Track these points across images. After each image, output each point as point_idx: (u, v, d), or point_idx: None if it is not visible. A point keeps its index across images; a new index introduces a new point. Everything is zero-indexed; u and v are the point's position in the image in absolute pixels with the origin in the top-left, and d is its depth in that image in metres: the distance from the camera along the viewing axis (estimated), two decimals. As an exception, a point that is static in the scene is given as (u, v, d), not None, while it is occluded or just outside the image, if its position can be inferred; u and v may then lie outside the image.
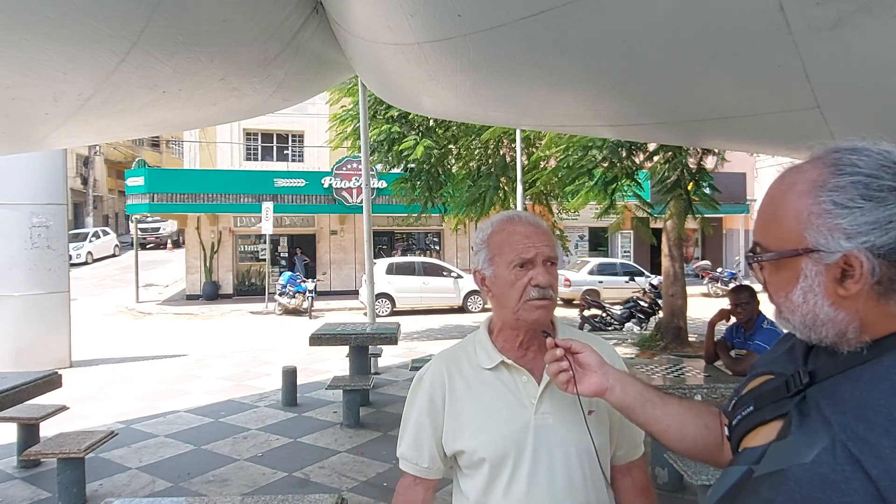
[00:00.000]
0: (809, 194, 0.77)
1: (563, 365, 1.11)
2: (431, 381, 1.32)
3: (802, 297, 0.79)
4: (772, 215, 0.82)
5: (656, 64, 2.10)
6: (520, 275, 1.22)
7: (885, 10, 1.49)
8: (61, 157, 8.72)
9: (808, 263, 0.77)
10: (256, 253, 18.63)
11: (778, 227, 0.80)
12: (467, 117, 4.97)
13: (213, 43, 2.45)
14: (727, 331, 4.24)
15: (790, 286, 0.80)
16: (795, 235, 0.78)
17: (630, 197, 8.74)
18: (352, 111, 9.20)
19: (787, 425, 0.80)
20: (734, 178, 19.17)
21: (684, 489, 4.11)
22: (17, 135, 3.30)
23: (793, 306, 0.80)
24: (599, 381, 1.10)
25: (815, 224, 0.75)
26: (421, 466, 1.31)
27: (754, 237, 0.86)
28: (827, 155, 0.79)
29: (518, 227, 1.26)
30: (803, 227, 0.77)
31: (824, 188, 0.75)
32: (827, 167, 0.77)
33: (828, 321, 0.77)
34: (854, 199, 0.73)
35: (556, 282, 1.25)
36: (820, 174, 0.77)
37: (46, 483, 4.39)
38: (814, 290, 0.77)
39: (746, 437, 0.88)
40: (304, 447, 5.22)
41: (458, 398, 1.28)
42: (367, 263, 7.84)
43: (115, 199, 35.06)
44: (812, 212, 0.76)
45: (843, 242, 0.74)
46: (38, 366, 6.94)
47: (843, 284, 0.75)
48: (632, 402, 1.08)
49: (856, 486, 0.68)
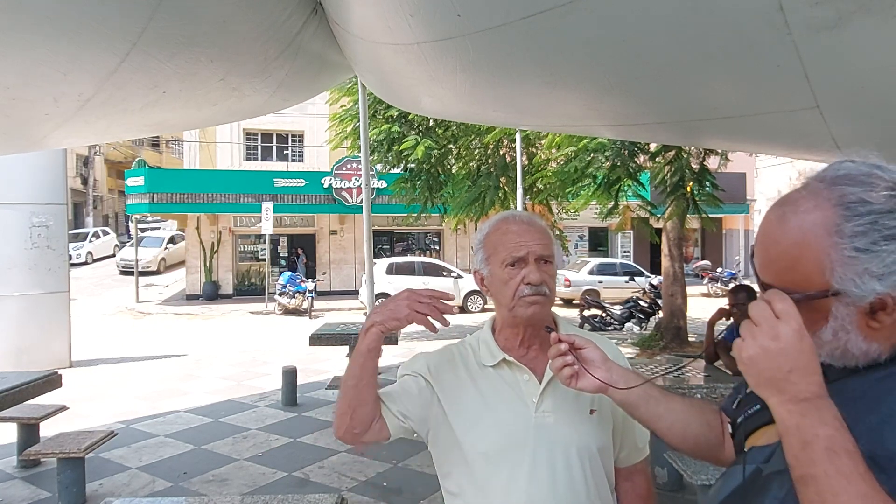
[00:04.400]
0: (827, 241, 0.74)
1: (567, 360, 1.11)
2: (427, 361, 1.33)
3: (832, 335, 0.77)
4: (785, 261, 0.78)
5: (656, 64, 2.10)
6: (512, 273, 1.23)
7: (885, 10, 1.49)
8: (61, 157, 8.72)
9: (839, 306, 0.75)
10: (256, 253, 18.63)
11: (798, 273, 0.77)
12: (467, 117, 4.97)
13: (213, 44, 2.45)
14: (727, 331, 4.23)
15: (818, 326, 0.77)
16: (819, 279, 0.75)
17: (632, 197, 8.75)
18: (351, 111, 9.20)
19: None
20: (734, 178, 19.14)
21: (684, 489, 4.11)
22: (17, 135, 3.29)
23: (821, 342, 0.78)
24: (603, 377, 1.09)
25: (841, 272, 0.73)
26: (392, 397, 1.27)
27: (763, 276, 0.82)
28: (828, 189, 0.76)
29: (511, 227, 1.27)
30: (829, 275, 0.74)
31: (842, 235, 0.73)
32: (834, 207, 0.74)
33: (860, 353, 0.76)
34: (877, 242, 0.72)
35: (550, 279, 1.25)
36: (830, 217, 0.74)
37: (46, 483, 4.39)
38: (845, 328, 0.76)
39: (752, 436, 0.87)
40: (303, 447, 5.22)
41: (457, 391, 1.28)
42: (367, 263, 7.82)
43: (115, 199, 35.03)
44: (835, 260, 0.73)
45: (875, 286, 0.72)
46: (38, 366, 6.93)
47: (875, 318, 0.74)
48: (635, 399, 1.08)
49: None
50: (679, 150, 7.78)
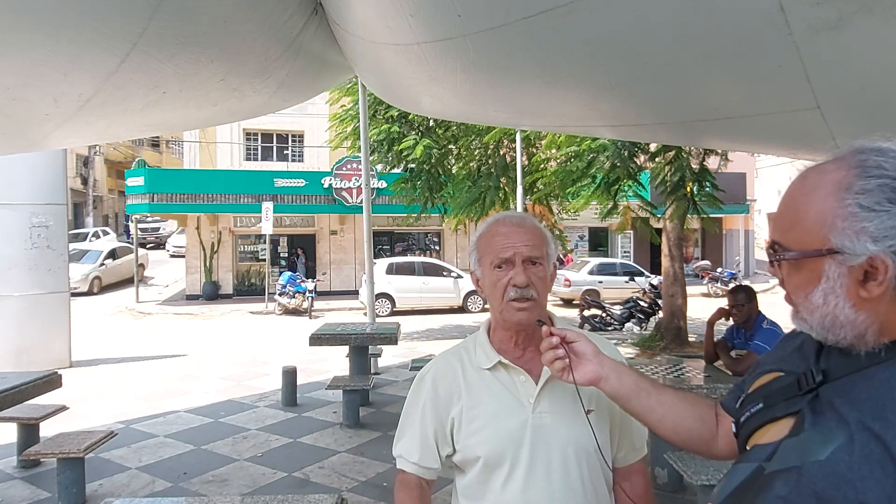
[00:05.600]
0: (834, 196, 0.76)
1: (559, 353, 1.12)
2: (434, 380, 1.33)
3: (823, 299, 0.78)
4: (793, 215, 0.81)
5: (656, 64, 2.10)
6: (500, 275, 1.24)
7: (885, 10, 1.49)
8: (61, 157, 8.72)
9: (832, 265, 0.77)
10: (256, 253, 18.61)
11: (800, 228, 0.79)
12: (467, 117, 4.97)
13: (213, 44, 2.45)
14: (727, 331, 4.24)
15: (810, 287, 0.79)
16: (819, 237, 0.77)
17: (632, 197, 8.74)
18: (352, 111, 9.20)
19: (800, 422, 0.79)
20: (734, 178, 19.13)
21: (684, 489, 4.11)
22: (17, 135, 3.29)
23: (812, 307, 0.80)
24: (594, 370, 1.10)
25: (841, 226, 0.75)
26: (422, 466, 1.30)
27: (773, 236, 0.85)
28: (851, 156, 0.78)
29: (500, 228, 1.28)
30: (827, 229, 0.76)
31: (850, 190, 0.75)
32: (852, 169, 0.76)
33: (847, 323, 0.77)
34: (881, 203, 0.73)
35: (539, 281, 1.24)
36: (845, 176, 0.76)
37: (46, 483, 4.39)
38: (835, 292, 0.77)
39: (755, 435, 0.87)
40: (303, 447, 5.22)
41: (459, 396, 1.28)
42: (367, 263, 7.84)
43: (115, 199, 35.03)
44: (837, 214, 0.75)
45: (869, 245, 0.73)
46: (38, 366, 6.93)
47: (865, 286, 0.75)
48: (627, 392, 1.09)
49: (871, 485, 0.69)
50: (679, 150, 7.78)
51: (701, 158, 8.30)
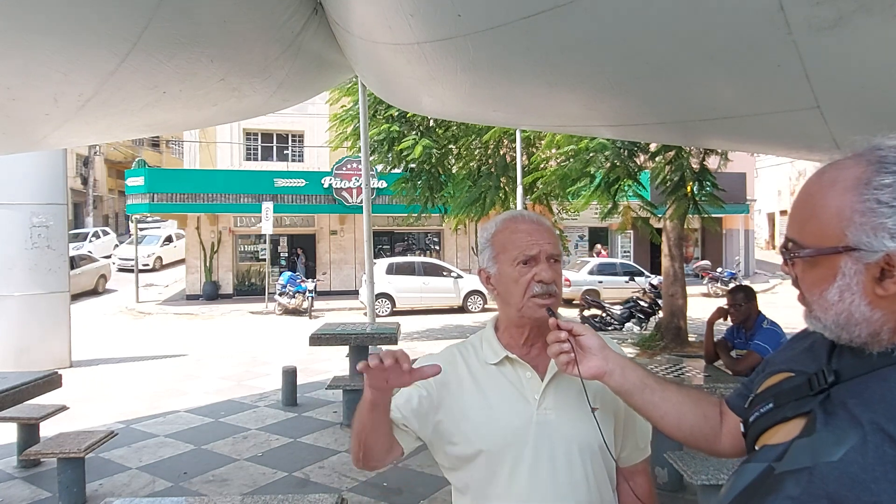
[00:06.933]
0: (853, 192, 0.75)
1: (564, 346, 1.12)
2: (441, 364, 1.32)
3: (839, 296, 0.77)
4: (810, 212, 0.79)
5: (656, 64, 2.10)
6: (524, 271, 1.24)
7: (885, 10, 1.49)
8: (61, 157, 8.72)
9: (848, 262, 0.76)
10: (256, 253, 18.62)
11: (817, 224, 0.78)
12: (467, 117, 4.98)
13: (213, 44, 2.45)
14: (727, 331, 4.24)
15: (826, 284, 0.78)
16: (836, 233, 0.76)
17: (632, 197, 8.73)
18: (352, 111, 9.20)
19: (812, 423, 0.79)
20: (734, 178, 19.11)
21: (684, 489, 4.11)
22: (17, 135, 3.30)
23: (827, 304, 0.78)
24: (600, 364, 1.10)
25: (859, 222, 0.74)
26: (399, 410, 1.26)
27: (788, 233, 0.83)
28: (870, 152, 0.77)
29: (521, 225, 1.28)
30: (845, 225, 0.75)
31: (869, 186, 0.74)
32: (871, 165, 0.75)
33: (863, 320, 0.76)
34: None
35: (559, 278, 1.26)
36: (864, 172, 0.75)
37: (46, 483, 4.39)
38: (851, 289, 0.76)
39: (764, 435, 0.87)
40: (304, 447, 5.22)
41: (460, 390, 1.28)
42: (367, 263, 7.83)
43: (115, 199, 35.02)
44: (855, 209, 0.74)
45: (886, 242, 0.72)
46: (38, 366, 6.93)
47: (881, 284, 0.74)
48: (631, 387, 1.09)
49: (885, 486, 0.68)
50: (679, 150, 7.77)
51: (701, 158, 8.30)
